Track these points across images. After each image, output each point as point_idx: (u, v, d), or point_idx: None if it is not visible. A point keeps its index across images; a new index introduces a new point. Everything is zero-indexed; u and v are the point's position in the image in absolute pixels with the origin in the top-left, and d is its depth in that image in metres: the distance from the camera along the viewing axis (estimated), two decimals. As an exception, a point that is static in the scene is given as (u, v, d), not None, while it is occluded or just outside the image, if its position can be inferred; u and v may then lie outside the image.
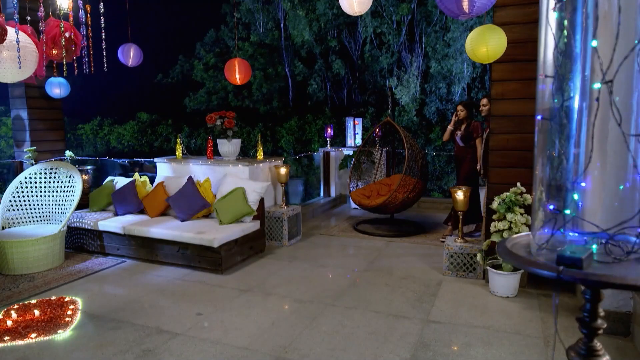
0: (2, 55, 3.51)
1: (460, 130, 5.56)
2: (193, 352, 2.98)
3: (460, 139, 5.56)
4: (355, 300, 3.82)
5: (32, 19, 4.55)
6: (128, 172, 7.54)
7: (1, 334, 3.22)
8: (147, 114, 19.55)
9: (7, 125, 20.42)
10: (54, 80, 6.04)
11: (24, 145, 6.24)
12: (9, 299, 3.90)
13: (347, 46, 17.89)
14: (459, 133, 5.57)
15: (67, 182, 5.18)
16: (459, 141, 5.60)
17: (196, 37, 21.37)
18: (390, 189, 5.83)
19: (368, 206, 6.08)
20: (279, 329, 3.30)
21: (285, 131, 16.10)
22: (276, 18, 19.32)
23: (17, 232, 4.68)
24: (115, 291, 4.12)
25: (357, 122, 8.42)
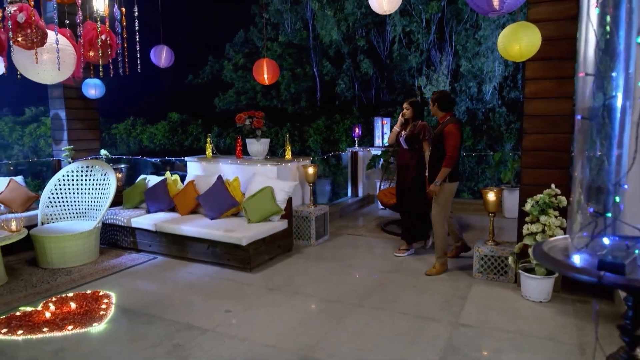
0: (43, 57, 3.65)
1: (404, 131, 4.93)
2: (222, 348, 3.03)
3: (404, 140, 4.91)
4: (383, 301, 3.79)
5: (71, 22, 4.72)
6: (160, 171, 7.72)
7: (40, 325, 3.35)
8: (178, 114, 19.97)
9: (47, 125, 21.27)
10: (90, 82, 6.24)
11: (62, 144, 6.48)
12: (47, 292, 4.05)
13: (375, 45, 17.78)
14: (403, 134, 4.92)
15: (102, 180, 5.35)
16: (402, 143, 4.95)
17: (226, 38, 21.70)
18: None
19: (388, 204, 6.03)
20: (306, 328, 3.31)
21: (313, 131, 16.15)
22: (304, 18, 19.40)
23: (55, 228, 4.86)
24: (147, 287, 4.22)
25: (386, 121, 8.36)
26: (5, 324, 3.39)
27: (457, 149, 4.23)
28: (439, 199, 4.33)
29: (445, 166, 4.21)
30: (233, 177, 5.34)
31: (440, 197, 4.32)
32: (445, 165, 4.21)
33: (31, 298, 3.91)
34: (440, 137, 4.31)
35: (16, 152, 23.00)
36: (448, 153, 4.21)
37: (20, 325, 3.36)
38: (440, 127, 4.35)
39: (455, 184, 4.40)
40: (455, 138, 4.21)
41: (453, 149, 4.20)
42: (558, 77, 3.77)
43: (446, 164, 4.20)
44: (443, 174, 4.24)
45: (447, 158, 4.20)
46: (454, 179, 4.35)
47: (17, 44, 3.36)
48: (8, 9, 3.41)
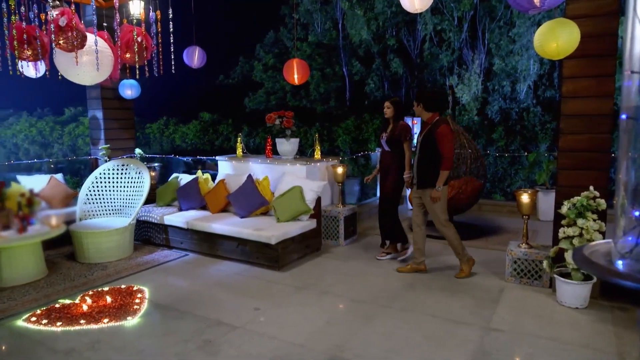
0: (82, 59, 3.78)
1: (386, 133, 4.73)
2: (251, 345, 3.06)
3: (385, 142, 4.73)
4: (412, 302, 3.75)
5: (108, 25, 4.87)
6: (191, 170, 7.87)
7: (78, 318, 3.48)
8: (209, 114, 20.31)
9: (85, 125, 22.04)
10: (127, 82, 6.43)
11: (99, 143, 6.70)
12: (84, 286, 4.20)
13: (405, 44, 17.59)
14: (384, 135, 4.73)
15: (136, 178, 5.50)
16: (384, 145, 4.76)
17: (256, 39, 21.90)
18: (453, 191, 5.62)
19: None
20: (334, 328, 3.31)
21: (341, 130, 16.11)
22: (334, 18, 19.37)
23: (92, 224, 5.03)
24: (178, 283, 4.31)
25: (416, 121, 8.26)
26: (46, 315, 3.54)
27: (452, 150, 4.13)
28: (436, 205, 4.18)
29: (444, 169, 4.06)
30: (263, 176, 5.39)
31: (437, 203, 4.19)
32: (444, 168, 4.07)
33: (69, 291, 4.06)
34: (430, 139, 4.11)
35: (56, 151, 23.93)
36: (445, 155, 4.05)
37: (59, 317, 3.50)
38: (430, 129, 4.13)
39: (446, 187, 4.27)
40: (450, 139, 4.09)
41: (449, 151, 4.06)
42: (598, 75, 3.63)
43: (445, 167, 4.06)
44: (443, 177, 4.09)
45: (445, 160, 4.06)
46: (446, 182, 4.20)
47: (59, 46, 3.50)
48: (51, 13, 3.55)
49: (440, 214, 4.23)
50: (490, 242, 5.52)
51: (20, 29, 3.64)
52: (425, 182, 4.19)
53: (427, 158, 4.16)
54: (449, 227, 4.29)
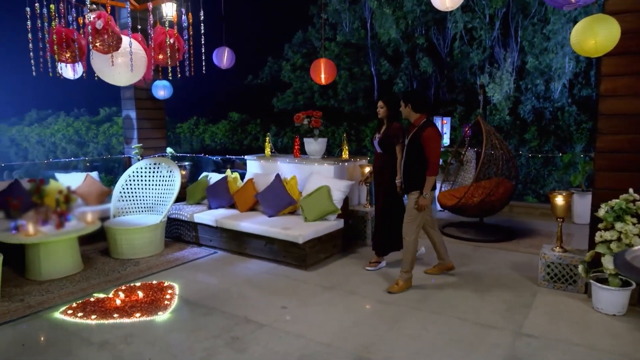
0: (118, 61, 3.89)
1: (379, 134, 4.46)
2: (278, 343, 3.08)
3: (377, 143, 4.45)
4: (440, 305, 3.69)
5: (142, 27, 4.99)
6: (221, 169, 7.99)
7: (111, 311, 3.58)
8: (237, 114, 20.58)
9: (118, 124, 22.72)
10: (159, 83, 6.59)
11: (132, 143, 6.88)
12: (117, 280, 4.33)
13: (435, 43, 17.34)
14: (377, 136, 4.46)
15: (167, 176, 5.62)
16: (377, 147, 4.48)
17: (284, 39, 22.04)
18: (485, 192, 5.51)
19: (447, 206, 5.88)
20: (361, 328, 3.30)
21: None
22: (362, 17, 19.29)
23: (125, 221, 5.18)
24: (207, 280, 4.39)
25: (445, 121, 8.15)
26: (81, 308, 3.66)
27: (439, 154, 3.91)
28: (414, 211, 3.94)
29: (431, 174, 3.84)
30: (291, 175, 5.42)
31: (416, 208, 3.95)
32: (430, 174, 3.84)
33: (104, 285, 4.19)
34: (416, 142, 3.88)
35: (91, 150, 24.76)
36: (431, 160, 3.82)
37: (94, 310, 3.61)
38: (416, 131, 3.89)
39: (433, 193, 4.03)
40: (437, 143, 3.85)
41: (436, 155, 3.84)
42: (639, 73, 3.48)
43: (431, 172, 3.83)
44: (429, 183, 3.85)
45: (432, 165, 3.82)
46: (434, 187, 3.99)
47: (96, 48, 3.61)
48: (88, 16, 3.67)
49: (414, 224, 3.96)
50: (522, 245, 5.38)
51: (60, 32, 3.78)
52: (410, 186, 3.96)
53: (413, 162, 3.93)
54: (415, 238, 3.99)
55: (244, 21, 26.10)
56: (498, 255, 5.04)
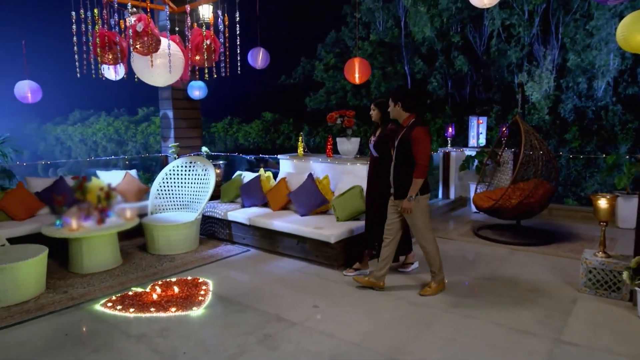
0: (157, 62, 4.01)
1: (374, 136, 4.36)
2: (309, 342, 3.09)
3: (372, 147, 4.34)
4: (474, 309, 3.61)
5: (180, 29, 5.12)
6: (254, 168, 8.10)
7: (148, 305, 3.69)
8: (270, 114, 20.80)
9: (156, 124, 23.39)
10: (195, 84, 6.74)
11: (169, 141, 7.06)
12: (154, 275, 4.45)
13: (471, 41, 16.98)
14: (372, 140, 4.37)
15: (203, 175, 5.74)
16: (372, 150, 4.37)
17: (318, 39, 22.10)
18: (523, 194, 5.34)
19: (483, 208, 5.74)
20: (392, 330, 3.26)
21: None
22: (396, 16, 19.11)
23: (162, 218, 5.32)
24: (240, 277, 4.45)
25: (482, 121, 7.96)
26: (120, 301, 3.79)
27: (428, 155, 3.68)
28: (414, 217, 3.75)
29: (418, 177, 3.63)
30: (323, 175, 5.43)
31: (416, 215, 3.74)
32: (417, 176, 3.63)
33: (141, 280, 4.32)
34: (406, 143, 3.69)
35: (130, 148, 25.60)
36: (419, 161, 3.62)
37: (132, 303, 3.73)
38: (405, 132, 3.72)
39: (427, 197, 3.81)
40: (426, 144, 3.64)
41: (424, 156, 3.64)
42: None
43: (418, 175, 3.62)
44: (416, 186, 3.64)
45: (419, 167, 3.62)
46: (425, 191, 3.77)
47: (136, 50, 3.73)
48: (129, 19, 3.80)
49: (424, 230, 3.80)
50: (561, 249, 5.20)
51: (103, 35, 3.92)
52: (402, 192, 3.74)
53: (403, 165, 3.73)
54: (433, 244, 3.86)
55: (278, 22, 26.33)
56: (536, 259, 4.88)
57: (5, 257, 3.79)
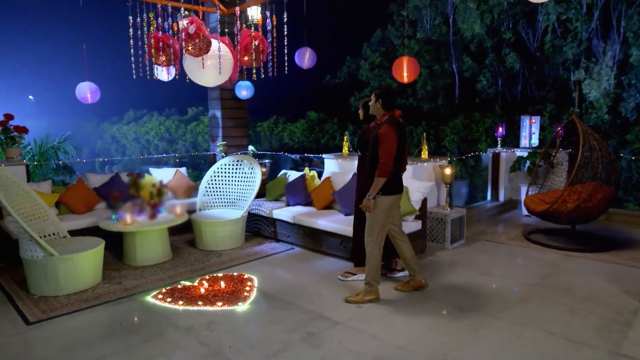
0: (207, 63, 4.13)
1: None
2: (352, 342, 3.08)
3: (357, 146, 4.26)
4: (525, 316, 3.47)
5: (229, 30, 5.24)
6: (299, 167, 8.17)
7: (196, 299, 3.81)
8: (315, 113, 20.93)
9: (204, 123, 24.13)
10: (242, 84, 6.88)
11: (217, 140, 7.25)
12: (202, 270, 4.59)
13: (523, 37, 16.32)
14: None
15: (249, 173, 5.86)
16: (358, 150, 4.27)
17: (363, 38, 22.00)
18: (580, 198, 5.08)
19: (536, 211, 5.50)
20: (437, 334, 3.19)
21: (449, 130, 15.50)
22: (444, 13, 18.69)
23: (210, 214, 5.48)
24: (284, 275, 4.50)
25: (534, 120, 7.63)
26: (170, 294, 3.93)
27: (391, 154, 3.53)
28: (373, 216, 3.64)
29: (379, 175, 3.52)
30: (367, 175, 5.39)
31: (375, 214, 3.63)
32: (378, 175, 3.52)
33: (190, 274, 4.47)
34: (375, 140, 3.61)
35: (180, 147, 26.55)
36: (380, 160, 3.51)
37: (180, 296, 3.87)
38: (376, 129, 3.64)
39: (392, 198, 3.66)
40: (390, 141, 3.52)
41: (385, 154, 3.51)
42: None
43: (379, 173, 3.52)
44: (376, 185, 3.55)
45: (381, 166, 3.50)
46: (390, 192, 3.63)
47: (188, 52, 3.86)
48: (182, 22, 3.93)
49: (377, 231, 3.66)
50: (621, 257, 4.89)
51: (157, 37, 4.08)
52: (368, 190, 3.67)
53: (373, 162, 3.63)
54: (376, 248, 3.69)
55: (324, 21, 26.43)
56: (592, 266, 4.63)
57: (66, 248, 4.03)
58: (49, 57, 45.21)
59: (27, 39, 45.47)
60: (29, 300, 3.81)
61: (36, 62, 45.29)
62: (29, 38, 45.98)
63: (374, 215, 3.66)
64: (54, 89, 42.74)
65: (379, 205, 3.62)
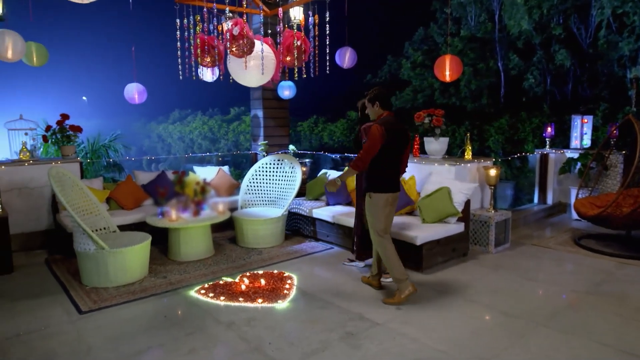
0: (250, 64, 4.20)
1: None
2: (392, 344, 3.05)
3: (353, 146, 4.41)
4: (574, 325, 3.31)
5: (272, 31, 5.30)
6: (339, 166, 8.17)
7: (237, 295, 3.88)
8: (355, 113, 20.81)
9: (246, 123, 24.58)
10: (284, 84, 6.94)
11: (259, 140, 7.36)
12: (242, 267, 4.67)
13: (575, 33, 15.60)
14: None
15: (289, 172, 5.91)
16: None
17: (405, 37, 21.72)
18: (637, 202, 4.80)
19: (587, 215, 5.23)
20: (480, 340, 3.11)
21: (494, 130, 15.04)
22: (490, 9, 18.15)
23: (251, 212, 5.57)
24: (323, 274, 4.51)
25: (586, 120, 7.27)
26: (212, 289, 4.03)
27: (370, 152, 3.59)
28: (370, 214, 3.76)
29: (351, 166, 3.65)
30: (409, 175, 5.32)
31: (370, 212, 3.76)
32: (351, 165, 3.65)
33: (231, 271, 4.56)
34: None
35: (222, 146, 27.18)
36: (360, 153, 3.61)
37: (222, 292, 3.95)
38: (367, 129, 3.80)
39: (384, 196, 3.70)
40: (373, 140, 3.58)
41: (365, 151, 3.59)
42: None
43: (352, 165, 3.64)
44: (346, 173, 3.78)
45: (356, 159, 3.61)
46: (384, 190, 3.70)
47: (232, 53, 3.94)
48: (226, 23, 4.02)
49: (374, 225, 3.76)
50: (682, 266, 4.58)
51: (203, 39, 4.19)
52: (368, 186, 3.78)
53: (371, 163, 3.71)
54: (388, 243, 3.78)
55: (366, 21, 26.30)
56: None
57: (116, 242, 4.21)
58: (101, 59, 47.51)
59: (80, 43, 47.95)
60: (81, 291, 4.02)
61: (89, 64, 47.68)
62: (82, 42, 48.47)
63: (371, 214, 3.79)
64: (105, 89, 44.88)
65: (375, 202, 3.74)
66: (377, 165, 3.71)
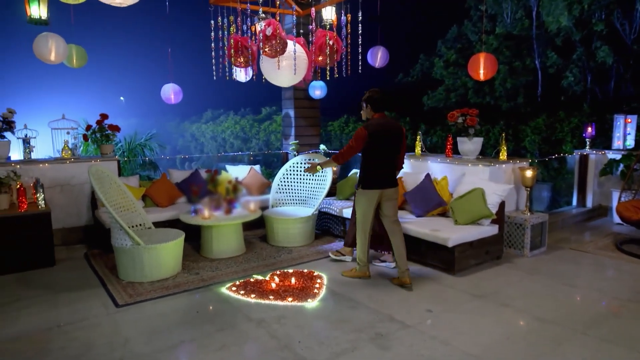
0: (282, 64, 4.23)
1: None
2: (422, 347, 3.01)
3: None
4: (615, 333, 3.18)
5: (304, 31, 5.32)
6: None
7: (267, 293, 3.92)
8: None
9: (277, 122, 24.79)
10: (316, 83, 6.96)
11: (290, 139, 7.41)
12: (273, 265, 4.71)
13: (618, 29, 14.95)
14: None
15: (320, 172, 5.91)
16: None
17: (438, 35, 21.37)
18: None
19: (632, 219, 5.00)
20: (514, 346, 3.02)
21: (530, 130, 14.59)
22: (527, 6, 17.63)
23: (282, 211, 5.61)
24: (353, 274, 4.49)
25: (630, 119, 6.96)
26: (243, 287, 4.08)
27: (350, 150, 3.99)
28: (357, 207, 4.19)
29: (332, 158, 4.15)
30: (441, 176, 5.24)
31: (357, 204, 4.18)
32: (332, 157, 4.15)
33: (262, 269, 4.61)
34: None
35: (253, 145, 27.51)
36: (342, 149, 4.04)
37: (253, 290, 4.00)
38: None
39: (370, 192, 4.02)
40: (355, 139, 3.95)
41: (345, 148, 4.01)
42: None
43: (334, 157, 4.13)
44: (327, 162, 4.30)
45: (338, 154, 4.08)
46: (368, 186, 4.01)
47: (265, 53, 3.98)
48: (260, 24, 4.06)
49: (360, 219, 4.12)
50: None
51: (236, 40, 4.25)
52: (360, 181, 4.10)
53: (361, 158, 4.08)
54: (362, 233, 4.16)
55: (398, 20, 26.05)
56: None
57: (151, 239, 4.33)
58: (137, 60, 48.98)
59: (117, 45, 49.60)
60: (118, 285, 4.15)
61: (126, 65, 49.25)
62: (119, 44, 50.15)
63: (357, 207, 4.18)
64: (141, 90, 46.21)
65: (359, 198, 4.11)
66: (367, 163, 4.02)
